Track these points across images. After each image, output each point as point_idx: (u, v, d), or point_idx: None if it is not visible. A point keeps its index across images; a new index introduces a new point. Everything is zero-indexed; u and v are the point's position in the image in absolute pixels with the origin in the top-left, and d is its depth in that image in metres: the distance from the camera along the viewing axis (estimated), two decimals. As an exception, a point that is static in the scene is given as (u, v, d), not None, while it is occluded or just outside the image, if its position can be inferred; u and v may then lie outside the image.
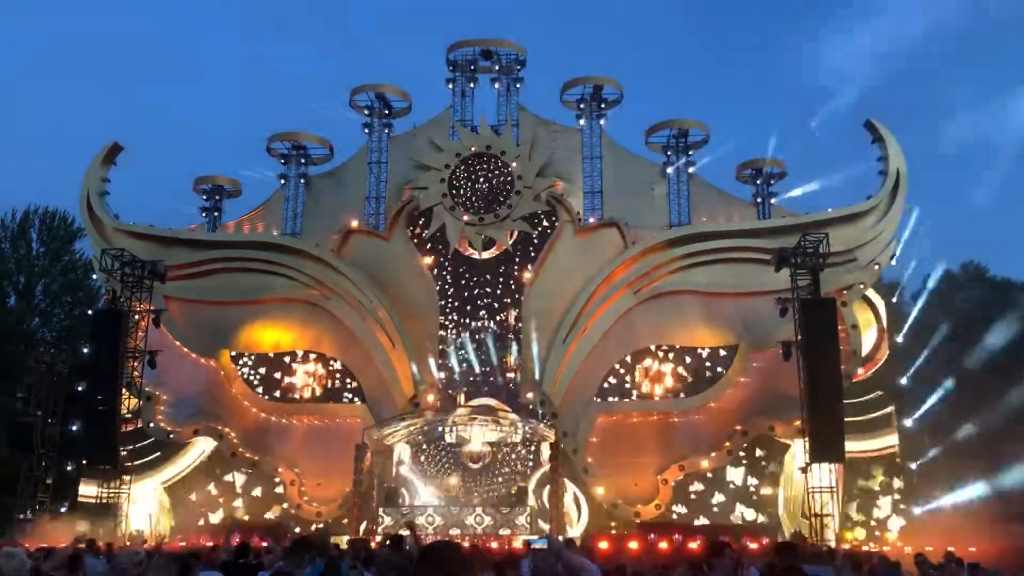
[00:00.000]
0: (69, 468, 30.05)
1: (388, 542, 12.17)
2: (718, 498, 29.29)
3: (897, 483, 28.66)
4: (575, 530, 28.11)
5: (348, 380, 31.38)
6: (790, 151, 31.88)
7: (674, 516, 28.83)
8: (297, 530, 27.86)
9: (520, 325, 31.16)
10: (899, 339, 30.15)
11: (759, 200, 32.10)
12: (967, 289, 38.04)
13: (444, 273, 32.02)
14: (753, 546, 23.03)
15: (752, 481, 29.34)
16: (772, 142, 32.06)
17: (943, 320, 32.28)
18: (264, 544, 19.34)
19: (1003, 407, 28.59)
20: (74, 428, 29.34)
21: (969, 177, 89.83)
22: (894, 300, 31.34)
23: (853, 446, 26.67)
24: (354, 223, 32.36)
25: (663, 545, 22.95)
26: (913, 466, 29.14)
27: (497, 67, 33.51)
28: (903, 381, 29.37)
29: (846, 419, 25.63)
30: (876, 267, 29.91)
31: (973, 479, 27.83)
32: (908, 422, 29.16)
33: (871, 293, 30.15)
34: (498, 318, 31.49)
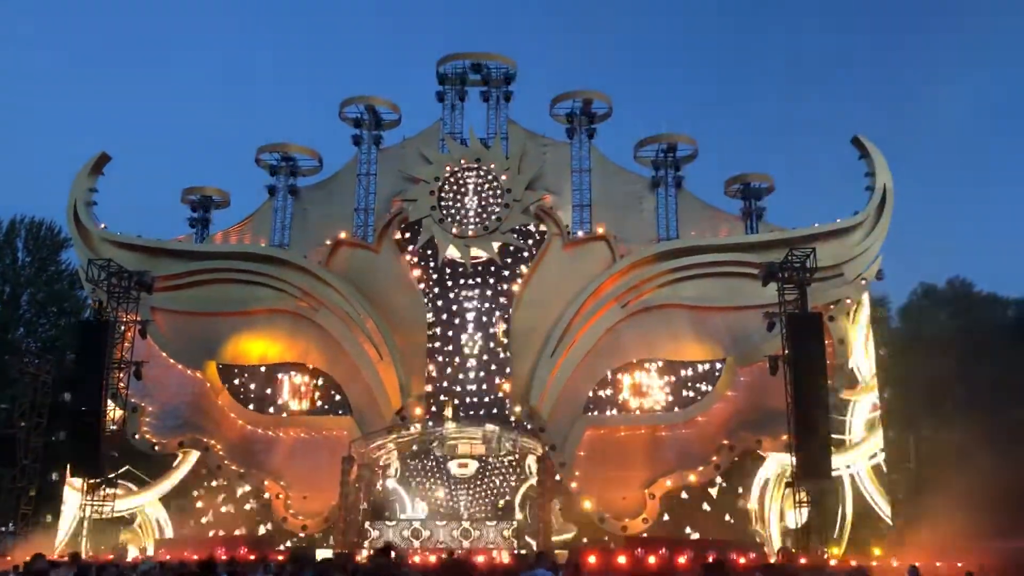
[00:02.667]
0: (53, 479, 29.82)
1: (374, 552, 12.13)
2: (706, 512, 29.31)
3: (885, 497, 28.73)
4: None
5: (335, 392, 31.27)
6: (780, 166, 31.83)
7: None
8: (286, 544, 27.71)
9: (508, 338, 31.12)
10: (882, 352, 30.26)
11: (747, 214, 32.22)
12: (953, 304, 38.27)
13: (432, 285, 31.99)
14: (742, 561, 23.03)
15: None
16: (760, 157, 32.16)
17: (929, 335, 32.45)
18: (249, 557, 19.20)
19: (991, 419, 28.65)
20: (58, 440, 29.09)
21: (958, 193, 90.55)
22: (880, 315, 31.44)
23: (839, 460, 26.79)
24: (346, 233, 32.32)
25: (651, 560, 22.92)
26: (901, 480, 29.22)
27: (487, 81, 33.62)
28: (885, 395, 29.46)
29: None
30: (863, 282, 30.04)
31: (962, 493, 27.83)
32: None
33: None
34: (486, 331, 31.42)
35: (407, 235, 32.52)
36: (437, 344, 31.40)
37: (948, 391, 31.51)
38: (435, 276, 31.97)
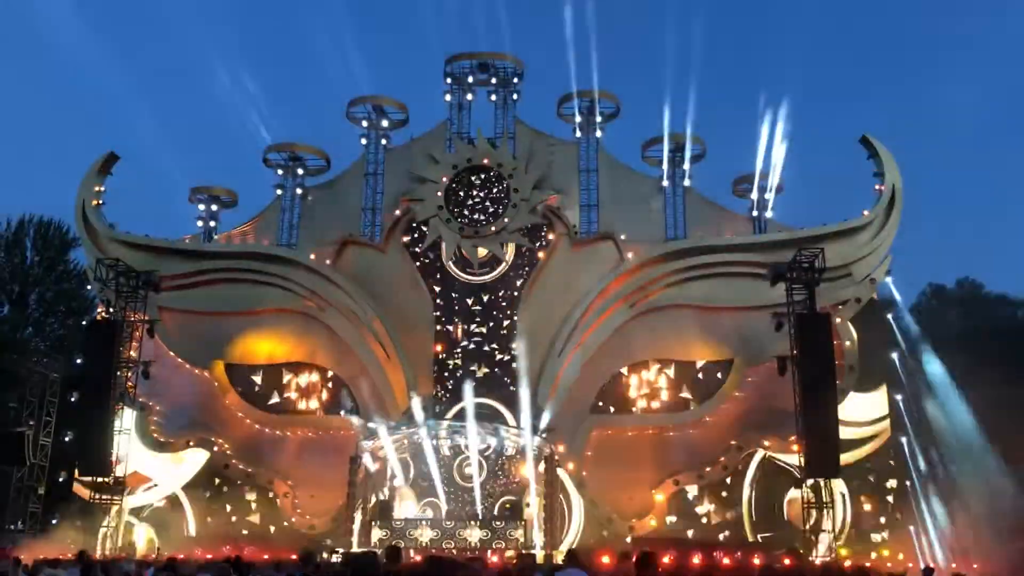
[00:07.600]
0: (61, 479, 29.89)
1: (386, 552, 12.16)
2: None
3: (893, 499, 28.66)
4: (565, 542, 28.06)
5: (342, 392, 31.23)
6: (789, 165, 31.44)
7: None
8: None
9: (516, 337, 31.04)
10: (893, 355, 30.10)
11: (755, 214, 32.03)
12: (962, 305, 38.10)
13: (439, 285, 31.96)
14: (756, 562, 22.91)
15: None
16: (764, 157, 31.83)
17: (938, 335, 32.26)
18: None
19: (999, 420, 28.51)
20: (67, 439, 29.18)
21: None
22: (888, 315, 31.28)
23: (847, 457, 26.77)
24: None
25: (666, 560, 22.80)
26: (908, 483, 29.04)
27: (494, 80, 33.57)
28: (897, 397, 29.34)
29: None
30: (871, 282, 29.91)
31: (971, 495, 27.69)
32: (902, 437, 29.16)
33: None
34: (494, 330, 31.37)
35: (414, 235, 32.52)
36: (444, 344, 31.39)
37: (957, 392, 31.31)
38: (442, 276, 31.95)
